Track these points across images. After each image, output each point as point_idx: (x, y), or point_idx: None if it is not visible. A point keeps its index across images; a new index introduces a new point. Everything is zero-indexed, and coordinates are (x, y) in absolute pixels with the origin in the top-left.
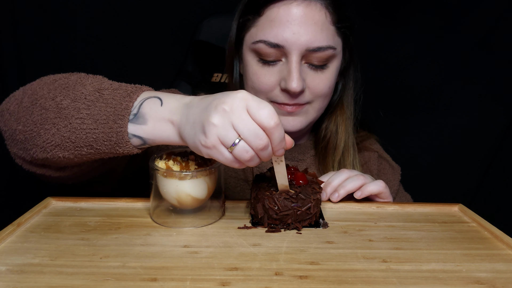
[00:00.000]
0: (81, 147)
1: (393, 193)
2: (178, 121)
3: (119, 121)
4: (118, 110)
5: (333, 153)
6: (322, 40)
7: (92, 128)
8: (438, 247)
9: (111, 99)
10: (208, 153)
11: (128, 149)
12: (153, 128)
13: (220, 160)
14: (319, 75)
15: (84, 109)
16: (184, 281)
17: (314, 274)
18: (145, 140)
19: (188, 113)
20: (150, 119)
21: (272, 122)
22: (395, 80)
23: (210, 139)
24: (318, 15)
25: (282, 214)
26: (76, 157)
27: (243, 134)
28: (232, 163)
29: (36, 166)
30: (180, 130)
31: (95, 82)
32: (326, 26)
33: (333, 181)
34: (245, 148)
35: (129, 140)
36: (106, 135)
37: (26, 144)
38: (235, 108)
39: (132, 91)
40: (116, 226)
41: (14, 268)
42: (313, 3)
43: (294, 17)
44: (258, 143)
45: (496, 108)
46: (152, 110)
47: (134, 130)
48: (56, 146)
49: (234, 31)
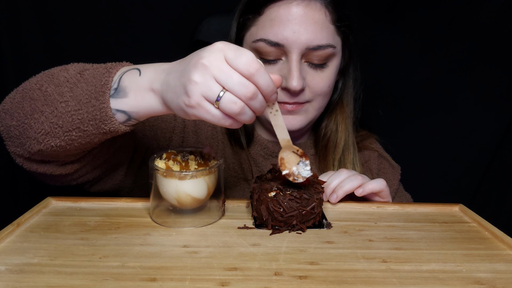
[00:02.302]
0: (70, 131)
1: (393, 192)
2: (159, 89)
3: (100, 98)
4: (98, 87)
5: (333, 152)
6: (322, 39)
7: (76, 109)
8: (438, 247)
9: (92, 78)
10: (194, 113)
11: (114, 126)
12: (135, 100)
13: (209, 119)
14: (319, 74)
15: (67, 92)
16: (184, 281)
17: (314, 274)
18: (129, 113)
19: (168, 79)
20: (130, 92)
21: (252, 68)
22: (395, 80)
23: (193, 98)
24: (318, 14)
25: (287, 215)
26: (67, 144)
27: (226, 85)
28: (222, 120)
29: (36, 163)
30: (162, 97)
31: (78, 66)
32: (326, 25)
33: (331, 182)
34: (232, 99)
35: (113, 115)
36: (90, 114)
37: (21, 139)
38: (214, 60)
39: (111, 66)
40: (116, 226)
41: (14, 268)
42: (313, 3)
43: (294, 16)
44: (244, 91)
45: (496, 108)
46: (132, 82)
47: (116, 104)
48: (47, 134)
49: (234, 30)
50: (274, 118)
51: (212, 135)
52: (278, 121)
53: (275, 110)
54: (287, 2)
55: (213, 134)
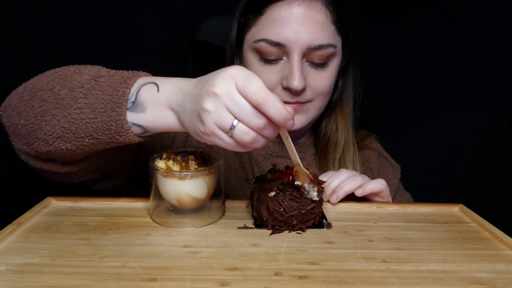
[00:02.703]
0: (82, 137)
1: (393, 192)
2: (176, 109)
3: (117, 109)
4: (115, 97)
5: (333, 151)
6: (323, 39)
7: (91, 117)
8: (438, 247)
9: (108, 86)
10: (209, 139)
11: (129, 138)
12: (153, 116)
13: (223, 146)
14: (320, 73)
15: (82, 98)
16: (184, 281)
17: (314, 274)
18: (146, 128)
19: (184, 101)
20: (148, 107)
21: (260, 98)
22: (395, 79)
23: (207, 126)
24: (319, 14)
25: (288, 215)
26: (78, 149)
27: (238, 116)
28: (236, 147)
29: (41, 161)
30: (179, 118)
31: (92, 71)
32: (327, 25)
33: (332, 182)
34: (244, 130)
35: (129, 128)
36: (105, 124)
37: (29, 138)
38: (225, 89)
39: (129, 77)
40: (116, 226)
41: (14, 268)
42: (314, 2)
43: (295, 16)
44: (256, 122)
45: (496, 108)
46: (150, 97)
47: (134, 118)
48: (58, 138)
49: (235, 31)
50: (285, 142)
51: None
52: (289, 145)
53: (286, 137)
54: (288, 2)
55: None
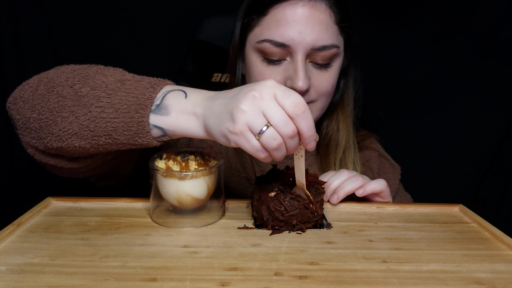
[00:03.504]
0: (99, 136)
1: (393, 192)
2: (201, 113)
3: (141, 111)
4: (140, 100)
5: (334, 151)
6: (327, 39)
7: (113, 117)
8: (438, 248)
9: (134, 89)
10: (235, 140)
11: (148, 140)
12: (175, 120)
13: (247, 149)
14: (323, 74)
15: (105, 97)
16: (184, 281)
17: (314, 274)
18: (166, 131)
19: (213, 105)
20: (173, 111)
21: (298, 109)
22: (395, 80)
23: (238, 125)
24: (323, 15)
25: (288, 214)
26: (92, 147)
27: (272, 120)
28: (258, 152)
29: (48, 156)
30: (204, 121)
31: (117, 73)
32: (331, 25)
33: (332, 182)
34: (273, 135)
35: (150, 130)
36: (126, 124)
37: (41, 133)
38: (264, 95)
39: (156, 83)
40: (116, 226)
41: (14, 268)
42: (318, 3)
43: (300, 17)
44: (287, 130)
45: (496, 108)
46: (176, 102)
47: (156, 120)
48: (73, 135)
49: (238, 31)
50: (298, 161)
51: None
52: (300, 165)
53: (300, 155)
54: (293, 2)
55: None
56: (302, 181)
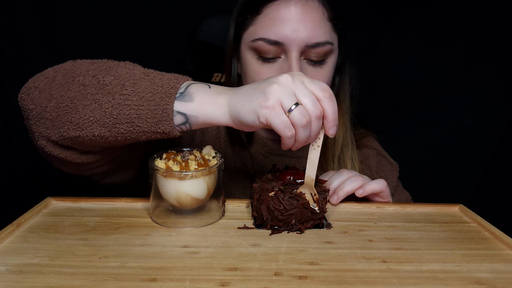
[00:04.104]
0: (121, 123)
1: (392, 190)
2: (226, 100)
3: (166, 99)
4: (166, 88)
5: (332, 148)
6: (321, 36)
7: (138, 104)
8: (438, 247)
9: (159, 80)
10: (266, 114)
11: (170, 128)
12: (199, 105)
13: (276, 123)
14: (318, 71)
15: (130, 86)
16: (183, 281)
17: (314, 274)
18: (188, 117)
19: (240, 91)
20: (197, 97)
21: (326, 93)
22: (395, 79)
23: (271, 100)
24: (316, 12)
25: (287, 213)
26: (112, 135)
27: (302, 99)
28: (286, 129)
29: (60, 148)
30: (229, 106)
31: (138, 67)
32: (324, 22)
33: (332, 182)
34: (303, 112)
35: (173, 117)
36: (151, 112)
37: (58, 122)
38: (295, 79)
39: (179, 77)
40: (116, 226)
41: (13, 268)
42: (311, 1)
43: (293, 15)
44: (315, 110)
45: (496, 107)
46: (200, 91)
47: (179, 107)
48: (94, 122)
49: (232, 30)
50: (313, 152)
51: (216, 134)
52: (314, 156)
53: (317, 146)
54: (286, 1)
55: (217, 134)
56: (313, 176)
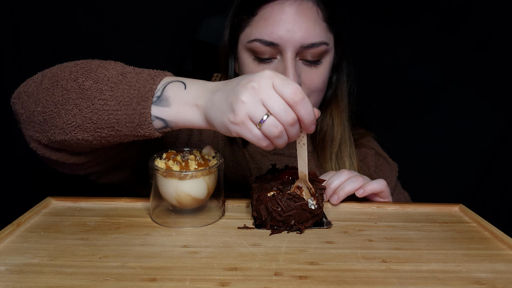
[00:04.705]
0: (102, 128)
1: (391, 189)
2: (203, 105)
3: (143, 103)
4: (142, 92)
5: (330, 146)
6: (316, 36)
7: (115, 109)
8: (438, 247)
9: (135, 82)
10: (237, 130)
11: (150, 131)
12: (176, 112)
13: (249, 138)
14: (313, 71)
15: (107, 90)
16: (184, 281)
17: (314, 274)
18: (168, 122)
19: (213, 98)
20: (174, 103)
21: (297, 97)
22: (395, 79)
23: (239, 116)
24: (310, 12)
25: (285, 215)
26: (95, 139)
27: (272, 109)
28: (260, 141)
29: (51, 150)
30: (206, 113)
31: (118, 66)
32: (319, 22)
33: (332, 182)
34: (274, 123)
35: (152, 122)
36: (129, 116)
37: (45, 126)
38: (263, 85)
39: (156, 74)
40: (116, 226)
41: (14, 268)
42: (305, 1)
43: (287, 16)
44: (287, 118)
45: (496, 108)
46: (176, 94)
47: (158, 112)
48: (77, 127)
49: (228, 31)
50: (300, 149)
51: (214, 133)
52: (302, 154)
53: (303, 143)
54: (280, 2)
55: (215, 133)
56: (305, 171)
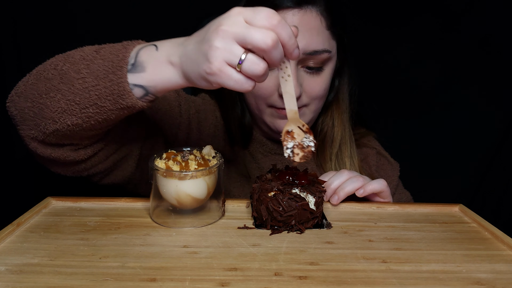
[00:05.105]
0: (87, 107)
1: (393, 189)
2: (178, 62)
3: (118, 72)
4: (115, 62)
5: (330, 146)
6: (318, 44)
7: (94, 84)
8: (438, 248)
9: (109, 54)
10: (216, 80)
11: (132, 101)
12: (153, 74)
13: (231, 86)
14: (315, 79)
15: (84, 68)
16: (183, 282)
17: (314, 275)
18: (147, 88)
19: (186, 51)
20: (148, 66)
21: (274, 20)
22: (395, 79)
23: (215, 64)
24: (314, 22)
25: (286, 215)
26: (84, 122)
27: (249, 42)
28: (244, 85)
29: (50, 147)
30: (182, 69)
31: (93, 46)
32: (322, 30)
33: (332, 182)
34: (255, 60)
35: (131, 90)
36: (107, 89)
37: (36, 120)
38: (234, 23)
39: (128, 43)
40: (116, 226)
41: (13, 268)
42: (309, 11)
43: None
44: (267, 41)
45: (496, 108)
46: (149, 57)
47: (134, 79)
48: (63, 112)
49: None
50: (285, 84)
51: (214, 132)
52: (288, 88)
53: (287, 75)
54: (283, 11)
55: (215, 132)
56: (295, 108)
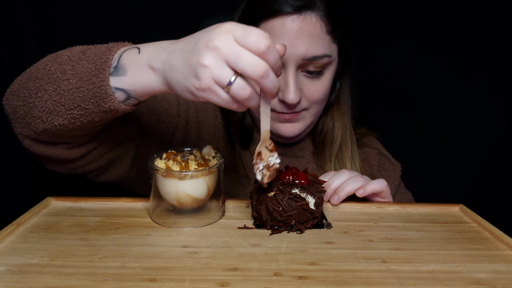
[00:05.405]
0: (71, 109)
1: (394, 189)
2: (160, 67)
3: (100, 75)
4: (98, 64)
5: (330, 147)
6: (318, 50)
7: (78, 86)
8: (438, 248)
9: (93, 56)
10: (203, 96)
11: (114, 104)
12: (133, 78)
13: (217, 102)
14: (315, 83)
15: (70, 70)
16: (183, 282)
17: (314, 275)
18: (128, 92)
19: (171, 59)
20: (129, 69)
21: (262, 45)
22: (396, 79)
23: (204, 81)
24: (314, 27)
25: (286, 215)
26: (70, 123)
27: (239, 67)
28: (230, 104)
29: (43, 145)
30: (165, 76)
31: (82, 47)
32: (322, 36)
33: (332, 183)
34: (242, 86)
35: (113, 94)
36: (90, 91)
37: (27, 118)
38: (223, 42)
39: (113, 45)
40: (116, 226)
41: (13, 268)
42: (308, 17)
43: (290, 30)
44: (255, 70)
45: (496, 107)
46: (131, 60)
47: (115, 82)
48: (50, 113)
49: None
50: (264, 104)
51: (214, 132)
52: (266, 108)
53: None
54: (283, 17)
55: (215, 132)
56: (268, 127)
